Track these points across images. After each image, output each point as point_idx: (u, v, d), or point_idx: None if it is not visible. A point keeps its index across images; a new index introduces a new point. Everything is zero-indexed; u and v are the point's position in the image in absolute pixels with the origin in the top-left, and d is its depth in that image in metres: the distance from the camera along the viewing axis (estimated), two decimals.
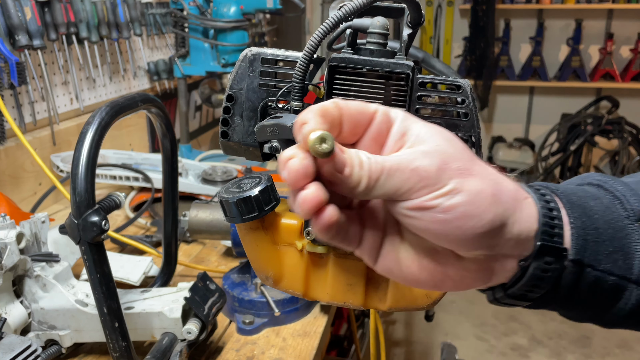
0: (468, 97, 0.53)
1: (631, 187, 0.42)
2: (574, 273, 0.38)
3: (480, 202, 0.35)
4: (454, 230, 0.35)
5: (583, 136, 3.80)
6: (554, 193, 0.40)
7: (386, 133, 0.37)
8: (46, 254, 0.85)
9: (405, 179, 0.34)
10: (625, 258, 0.39)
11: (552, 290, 0.39)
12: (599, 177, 0.44)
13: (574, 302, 0.40)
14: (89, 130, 0.71)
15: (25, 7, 1.29)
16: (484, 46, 3.98)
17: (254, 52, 0.58)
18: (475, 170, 0.36)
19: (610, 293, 0.39)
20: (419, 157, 0.35)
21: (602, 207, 0.40)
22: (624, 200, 0.41)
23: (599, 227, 0.39)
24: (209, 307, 0.84)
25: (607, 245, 0.39)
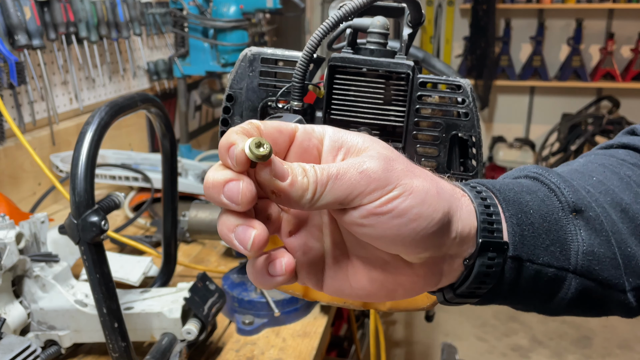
0: (468, 97, 0.52)
1: (565, 178, 0.43)
2: (514, 269, 0.39)
3: (430, 201, 0.35)
4: (409, 233, 0.35)
5: (584, 136, 3.80)
6: (490, 190, 0.41)
7: (315, 150, 0.36)
8: (45, 254, 0.84)
9: (354, 182, 0.33)
10: (562, 249, 0.40)
11: (496, 285, 0.39)
12: (535, 169, 0.45)
13: (518, 295, 0.41)
14: (89, 130, 0.71)
15: (25, 7, 1.29)
16: (484, 46, 3.97)
17: (254, 51, 0.58)
18: (416, 172, 0.36)
19: (551, 284, 0.40)
20: (365, 161, 0.34)
21: (537, 200, 0.41)
22: (558, 192, 0.41)
23: (534, 222, 0.40)
24: (208, 308, 0.84)
25: (544, 238, 0.40)
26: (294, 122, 0.49)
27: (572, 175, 0.44)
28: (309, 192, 0.33)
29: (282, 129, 0.36)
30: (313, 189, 0.33)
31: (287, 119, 0.50)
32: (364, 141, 0.36)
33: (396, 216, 0.34)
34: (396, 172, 0.35)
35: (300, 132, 0.36)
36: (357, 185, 0.33)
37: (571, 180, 0.43)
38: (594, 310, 0.43)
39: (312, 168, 0.34)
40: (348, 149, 0.36)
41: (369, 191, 0.34)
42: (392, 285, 0.39)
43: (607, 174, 0.45)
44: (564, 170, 0.46)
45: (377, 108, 0.54)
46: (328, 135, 0.36)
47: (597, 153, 0.51)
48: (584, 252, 0.40)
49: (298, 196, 0.33)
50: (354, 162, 0.34)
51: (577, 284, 0.40)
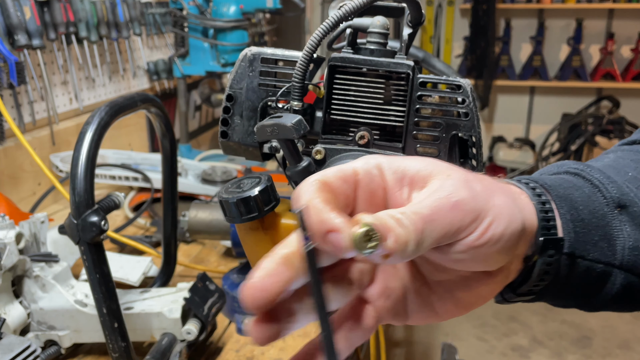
0: (468, 97, 0.52)
1: (607, 174, 0.43)
2: (568, 265, 0.39)
3: (513, 216, 0.35)
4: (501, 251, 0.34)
5: (584, 136, 3.80)
6: (542, 186, 0.41)
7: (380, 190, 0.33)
8: (45, 254, 0.84)
9: (450, 219, 0.31)
10: (609, 245, 0.40)
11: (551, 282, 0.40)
12: (575, 165, 0.45)
13: (567, 291, 0.41)
14: (88, 130, 0.71)
15: (25, 7, 1.29)
16: (484, 46, 3.97)
17: (254, 51, 0.58)
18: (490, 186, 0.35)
19: (598, 280, 0.40)
20: (450, 192, 0.32)
21: (584, 197, 0.41)
22: (602, 188, 0.42)
23: (584, 218, 0.40)
24: (208, 308, 0.84)
25: (593, 234, 0.40)
26: (293, 122, 0.49)
27: (609, 171, 0.44)
28: (411, 243, 0.29)
29: (345, 178, 0.32)
30: (415, 238, 0.29)
31: (287, 118, 0.50)
32: (425, 166, 0.33)
33: (494, 243, 0.33)
34: (480, 195, 0.33)
35: (361, 174, 0.32)
36: (453, 221, 0.31)
37: (611, 176, 0.43)
38: (637, 305, 0.43)
39: (403, 215, 0.30)
40: (412, 178, 0.33)
41: (466, 224, 0.32)
42: (474, 299, 0.38)
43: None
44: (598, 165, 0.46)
45: (377, 108, 0.54)
46: (386, 169, 0.33)
47: (623, 149, 0.51)
48: (630, 248, 0.40)
49: (402, 250, 0.29)
50: (442, 196, 0.31)
51: (622, 279, 0.40)
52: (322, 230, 0.29)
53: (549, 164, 2.92)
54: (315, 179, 0.31)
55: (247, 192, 0.53)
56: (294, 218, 0.57)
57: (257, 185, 0.54)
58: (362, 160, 0.33)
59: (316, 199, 0.30)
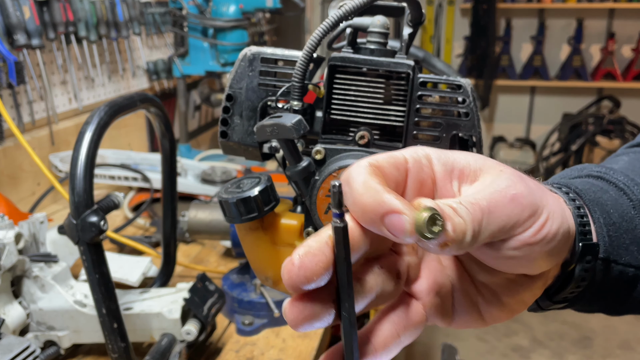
0: (469, 97, 0.52)
1: (630, 176, 0.42)
2: (603, 270, 0.38)
3: (565, 216, 0.34)
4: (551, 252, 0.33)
5: (584, 136, 3.80)
6: (575, 192, 0.40)
7: (429, 180, 0.32)
8: (45, 254, 0.84)
9: (509, 212, 0.30)
10: (639, 248, 0.39)
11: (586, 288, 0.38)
12: (597, 168, 0.44)
13: (599, 297, 0.40)
14: (88, 130, 0.70)
15: (24, 6, 1.29)
16: (484, 45, 3.97)
17: (254, 51, 0.58)
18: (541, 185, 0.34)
19: (629, 284, 0.39)
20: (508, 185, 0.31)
21: (612, 200, 0.40)
22: (628, 190, 0.41)
23: (615, 221, 0.39)
24: (208, 308, 0.83)
25: (625, 238, 0.39)
26: (293, 121, 0.49)
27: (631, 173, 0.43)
28: (468, 233, 0.29)
29: (398, 165, 0.31)
30: (471, 229, 0.29)
31: (286, 118, 0.49)
32: (475, 160, 0.33)
33: (548, 242, 0.32)
34: (536, 192, 0.32)
35: (410, 162, 0.32)
36: (511, 214, 0.30)
37: (634, 177, 0.42)
38: None
39: (460, 205, 0.29)
40: (461, 170, 0.32)
41: (524, 219, 0.31)
42: (517, 305, 0.36)
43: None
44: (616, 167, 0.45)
45: (377, 108, 0.54)
46: (436, 160, 0.32)
47: (635, 151, 0.50)
48: None
49: (459, 240, 0.29)
50: (500, 189, 0.31)
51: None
52: (380, 212, 0.28)
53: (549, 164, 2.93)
54: (369, 162, 0.30)
55: (247, 192, 0.53)
56: (294, 218, 0.57)
57: (257, 185, 0.53)
58: (411, 149, 0.32)
59: (372, 180, 0.29)
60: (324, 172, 0.52)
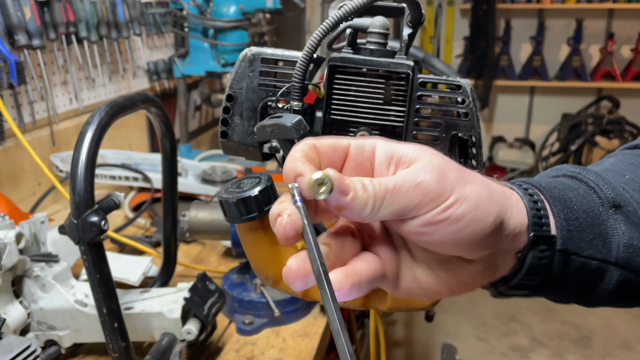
0: (468, 97, 0.52)
1: (602, 176, 0.45)
2: (562, 261, 0.41)
3: (483, 205, 0.37)
4: (466, 237, 0.37)
5: (584, 136, 3.80)
6: (537, 188, 0.43)
7: (367, 163, 0.38)
8: (45, 254, 0.84)
9: (411, 195, 0.35)
10: (604, 243, 0.42)
11: (545, 278, 0.42)
12: (572, 168, 0.47)
13: (563, 287, 0.43)
14: (88, 130, 0.71)
15: (25, 7, 1.29)
16: (484, 46, 3.97)
17: (254, 51, 0.58)
18: (467, 177, 0.38)
19: (594, 276, 0.43)
20: (419, 173, 0.36)
21: (579, 197, 0.43)
22: (597, 189, 0.44)
23: (579, 217, 0.42)
24: (208, 308, 0.84)
25: (588, 233, 0.42)
26: (293, 122, 0.49)
27: (606, 174, 0.46)
28: (368, 206, 0.35)
29: (336, 147, 0.37)
30: (372, 203, 0.35)
31: (287, 119, 0.50)
32: (414, 150, 0.37)
33: (453, 222, 0.36)
34: (449, 181, 0.36)
35: (353, 147, 0.38)
36: (413, 197, 0.35)
37: (607, 178, 0.45)
38: (634, 301, 0.45)
39: (371, 182, 0.35)
40: (399, 159, 0.37)
41: (425, 202, 0.35)
42: (455, 283, 0.40)
43: (638, 172, 0.47)
44: (597, 169, 0.48)
45: (377, 108, 0.54)
46: (379, 148, 0.38)
47: (624, 153, 0.53)
48: (625, 245, 0.42)
49: (359, 210, 0.35)
50: (410, 175, 0.36)
51: (618, 276, 0.42)
52: (293, 175, 0.35)
53: (549, 164, 2.94)
54: (308, 141, 0.37)
55: (247, 192, 0.53)
56: None
57: (257, 185, 0.54)
58: (360, 138, 0.38)
59: (298, 152, 0.36)
60: None
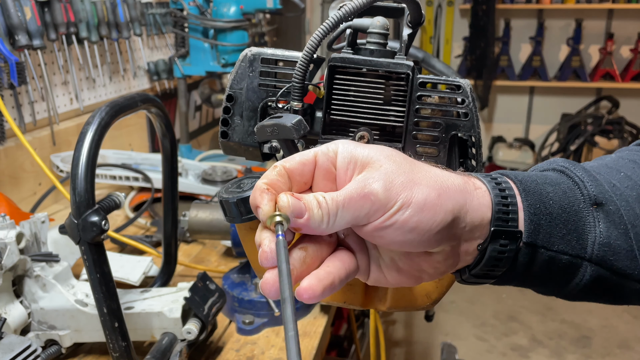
0: (468, 97, 0.53)
1: (590, 172, 0.45)
2: (527, 254, 0.42)
3: (429, 207, 0.39)
4: (415, 238, 0.39)
5: (583, 136, 3.80)
6: (512, 180, 0.44)
7: (334, 168, 0.40)
8: (46, 254, 0.84)
9: (359, 207, 0.38)
10: (579, 239, 0.43)
11: (510, 269, 0.43)
12: (563, 162, 0.47)
13: (531, 278, 0.44)
14: (89, 130, 0.71)
15: (25, 7, 1.29)
16: (484, 46, 3.97)
17: (254, 52, 0.58)
18: (417, 179, 0.39)
19: (565, 270, 0.43)
20: (366, 183, 0.38)
21: (559, 192, 0.44)
22: (582, 185, 0.44)
23: (553, 212, 0.42)
24: (208, 307, 0.84)
25: (561, 228, 0.42)
26: (293, 122, 0.49)
27: (599, 170, 0.46)
28: (324, 222, 0.38)
29: (304, 161, 0.40)
30: (327, 219, 0.38)
31: (287, 119, 0.50)
32: (368, 153, 0.40)
33: (398, 228, 0.39)
34: (396, 187, 0.39)
35: (319, 155, 0.40)
36: (362, 208, 0.38)
37: (597, 174, 0.45)
38: (609, 297, 0.46)
39: (324, 199, 0.38)
40: (355, 163, 0.40)
41: (373, 212, 0.38)
42: (417, 272, 0.43)
43: (637, 169, 0.47)
44: (594, 164, 0.48)
45: (377, 108, 0.55)
46: (339, 153, 0.40)
47: (630, 149, 0.53)
48: (600, 243, 0.43)
49: (316, 227, 0.38)
50: (358, 186, 0.39)
51: (591, 272, 0.43)
52: (254, 205, 0.38)
53: None
54: (279, 165, 0.40)
55: (247, 192, 0.53)
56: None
57: None
58: (325, 145, 0.41)
59: (262, 181, 0.39)
60: None
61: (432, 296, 0.56)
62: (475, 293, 3.06)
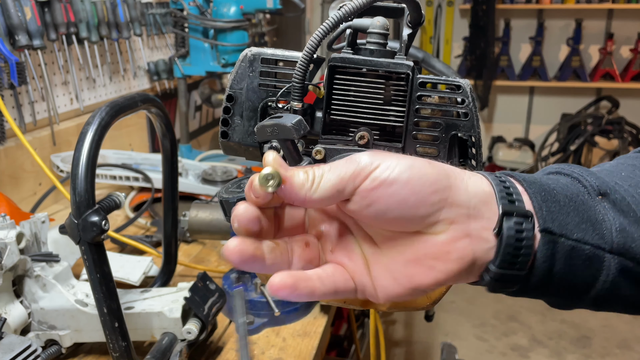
0: (468, 97, 0.53)
1: (589, 170, 0.43)
2: (549, 242, 0.37)
3: (419, 165, 0.38)
4: (409, 196, 0.37)
5: (583, 136, 3.80)
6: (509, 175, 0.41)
7: None
8: (46, 254, 0.85)
9: (343, 168, 0.38)
10: (594, 228, 0.38)
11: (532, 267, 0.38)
12: (557, 166, 0.45)
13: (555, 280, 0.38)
14: (89, 130, 0.71)
15: (25, 7, 1.29)
16: (484, 46, 3.97)
17: (254, 52, 0.58)
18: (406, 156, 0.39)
19: (589, 265, 0.38)
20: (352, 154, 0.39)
21: (560, 184, 0.41)
22: (582, 178, 0.42)
23: (560, 200, 0.39)
24: (208, 307, 0.84)
25: (573, 216, 0.38)
26: (293, 122, 0.49)
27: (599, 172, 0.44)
28: (308, 181, 0.38)
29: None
30: (311, 180, 0.38)
31: (287, 119, 0.50)
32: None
33: (390, 185, 0.37)
34: (381, 155, 0.38)
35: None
36: (346, 170, 0.37)
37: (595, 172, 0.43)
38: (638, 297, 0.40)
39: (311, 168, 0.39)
40: None
41: (357, 173, 0.37)
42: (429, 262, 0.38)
43: (637, 172, 0.45)
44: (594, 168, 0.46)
45: (377, 108, 0.55)
46: None
47: (629, 156, 0.51)
48: (618, 230, 0.38)
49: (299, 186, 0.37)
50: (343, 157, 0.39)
51: (616, 264, 0.38)
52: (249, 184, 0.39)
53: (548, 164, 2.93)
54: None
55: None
56: None
57: None
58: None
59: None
60: None
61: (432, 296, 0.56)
62: (475, 293, 3.06)
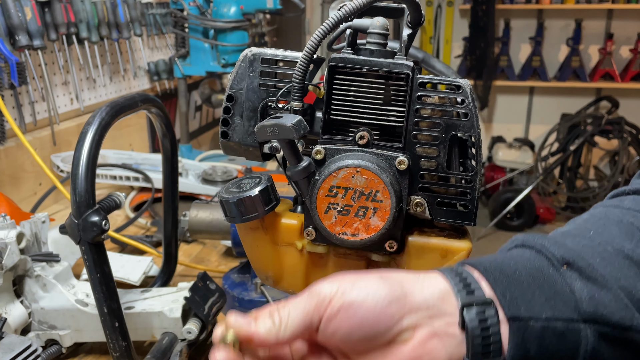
0: (468, 97, 0.53)
1: (552, 238, 0.44)
2: (518, 329, 0.37)
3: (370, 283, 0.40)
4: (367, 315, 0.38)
5: (583, 136, 3.80)
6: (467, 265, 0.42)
7: None
8: (46, 253, 0.85)
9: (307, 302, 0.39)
10: (564, 302, 0.39)
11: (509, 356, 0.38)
12: (523, 237, 0.45)
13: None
14: (89, 131, 0.71)
15: (26, 7, 1.29)
16: (483, 46, 3.98)
17: (254, 52, 0.58)
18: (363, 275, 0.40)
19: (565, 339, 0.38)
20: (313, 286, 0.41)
21: (523, 261, 0.41)
22: (545, 250, 0.42)
23: (523, 281, 0.39)
24: (209, 307, 0.84)
25: (539, 295, 0.39)
26: (293, 122, 0.49)
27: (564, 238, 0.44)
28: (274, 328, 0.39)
29: None
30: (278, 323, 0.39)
31: (287, 119, 0.50)
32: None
33: (347, 308, 0.39)
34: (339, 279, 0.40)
35: None
36: (310, 303, 0.39)
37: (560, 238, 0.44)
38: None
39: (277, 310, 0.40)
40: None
41: (320, 303, 0.39)
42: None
43: (608, 225, 0.45)
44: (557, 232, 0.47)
45: (377, 108, 0.55)
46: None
47: (604, 204, 0.51)
48: (587, 299, 0.39)
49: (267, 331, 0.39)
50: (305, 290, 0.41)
51: (593, 332, 0.38)
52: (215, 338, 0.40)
53: (548, 164, 2.92)
54: None
55: (247, 192, 0.53)
56: (295, 218, 0.58)
57: (258, 185, 0.54)
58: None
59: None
60: (324, 172, 0.52)
61: None
62: None
